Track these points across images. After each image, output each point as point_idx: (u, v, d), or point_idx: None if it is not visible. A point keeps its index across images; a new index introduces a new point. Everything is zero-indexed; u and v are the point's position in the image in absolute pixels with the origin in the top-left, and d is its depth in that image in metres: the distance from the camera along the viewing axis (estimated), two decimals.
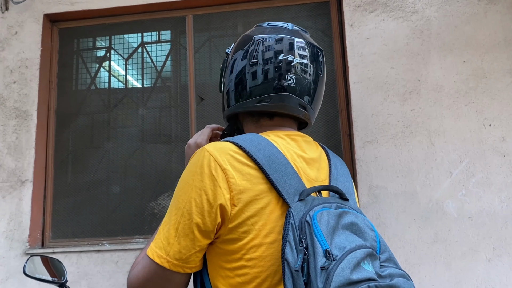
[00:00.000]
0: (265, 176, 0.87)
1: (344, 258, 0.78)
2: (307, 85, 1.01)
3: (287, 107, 1.00)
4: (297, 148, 0.98)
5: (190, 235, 0.86)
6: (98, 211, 2.77)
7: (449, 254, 2.34)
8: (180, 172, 2.60)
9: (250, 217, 0.85)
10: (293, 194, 0.88)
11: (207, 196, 0.85)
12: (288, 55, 1.00)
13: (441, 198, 2.40)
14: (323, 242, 0.79)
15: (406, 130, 2.49)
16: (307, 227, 0.81)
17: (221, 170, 0.86)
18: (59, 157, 2.86)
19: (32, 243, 2.64)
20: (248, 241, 0.86)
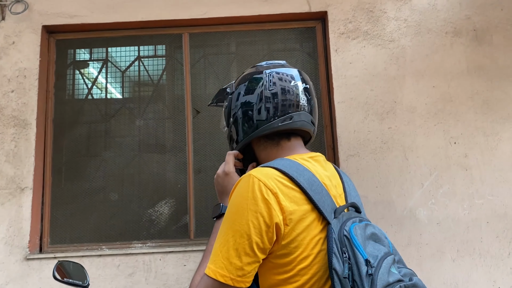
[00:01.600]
0: (307, 198, 1.00)
1: (381, 265, 0.93)
2: (313, 105, 1.17)
3: (305, 124, 1.14)
4: (321, 169, 1.10)
5: (251, 253, 0.96)
6: (96, 217, 2.89)
7: (420, 255, 2.68)
8: (177, 180, 2.85)
9: (299, 234, 0.98)
10: (330, 212, 1.01)
11: (263, 218, 0.96)
12: (297, 81, 1.16)
13: (414, 206, 2.73)
14: (362, 252, 0.94)
15: (384, 145, 2.81)
16: (347, 240, 0.96)
17: (273, 194, 0.97)
18: (57, 165, 2.95)
19: (32, 248, 2.72)
20: (299, 254, 0.98)
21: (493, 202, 2.73)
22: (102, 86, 3.14)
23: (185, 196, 2.89)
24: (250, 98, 1.15)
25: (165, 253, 2.70)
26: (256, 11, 2.99)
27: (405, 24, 2.95)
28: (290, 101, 1.13)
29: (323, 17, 3.07)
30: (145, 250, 2.71)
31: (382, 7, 2.97)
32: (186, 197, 2.89)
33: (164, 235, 2.85)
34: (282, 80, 1.15)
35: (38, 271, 2.66)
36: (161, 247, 2.77)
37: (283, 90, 1.13)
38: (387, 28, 2.96)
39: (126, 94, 3.13)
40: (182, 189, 2.91)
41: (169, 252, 2.69)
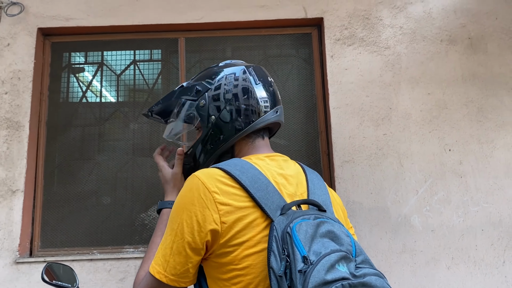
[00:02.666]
0: (249, 195, 0.99)
1: (319, 262, 0.88)
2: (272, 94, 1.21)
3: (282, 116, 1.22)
4: (277, 167, 1.10)
5: (183, 253, 0.98)
6: (88, 221, 2.85)
7: (415, 262, 2.66)
8: None
9: (239, 232, 0.96)
10: (275, 209, 0.99)
11: (196, 217, 0.97)
12: (266, 76, 1.20)
13: (409, 213, 2.72)
14: (301, 249, 0.90)
15: (379, 152, 2.80)
16: (288, 237, 0.92)
17: (209, 193, 0.98)
18: (49, 168, 2.92)
19: (22, 252, 2.68)
20: (240, 252, 0.96)
21: (488, 210, 2.72)
22: (97, 89, 3.13)
23: None
24: (228, 98, 1.16)
25: None
26: (252, 17, 3.00)
27: (400, 32, 2.97)
28: (271, 96, 1.18)
29: (319, 24, 3.08)
30: (137, 255, 2.67)
31: (378, 14, 2.99)
32: None
33: None
34: (251, 75, 1.18)
35: (28, 275, 2.62)
36: None
37: (260, 87, 1.17)
38: (382, 35, 2.97)
39: (121, 98, 3.12)
40: None
41: None
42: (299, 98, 3.04)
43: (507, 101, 2.86)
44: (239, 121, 1.14)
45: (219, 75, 1.18)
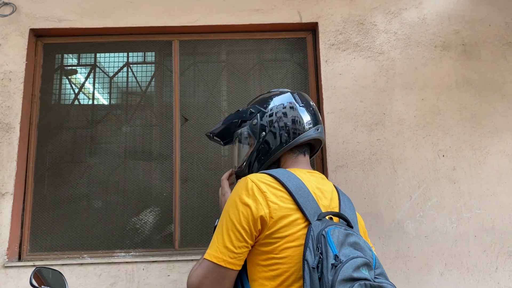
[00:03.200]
0: (293, 199, 1.18)
1: (349, 261, 1.05)
2: (314, 114, 1.43)
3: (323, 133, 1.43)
4: (316, 182, 1.28)
5: (241, 238, 1.14)
6: (79, 225, 2.81)
7: (408, 268, 2.65)
8: (162, 189, 2.80)
9: (282, 227, 1.15)
10: (313, 214, 1.17)
11: (251, 210, 1.15)
12: (308, 101, 1.44)
13: (402, 219, 2.71)
14: (333, 249, 1.07)
15: (373, 157, 2.80)
16: (323, 238, 1.10)
17: (261, 193, 1.17)
18: (39, 170, 2.88)
19: (10, 256, 2.64)
20: (281, 244, 1.14)
21: (481, 216, 2.72)
22: (89, 91, 3.10)
23: (171, 205, 2.83)
24: (282, 116, 1.37)
25: (149, 263, 2.63)
26: (247, 20, 2.99)
27: (394, 37, 2.97)
28: (313, 115, 1.40)
29: (313, 28, 3.07)
30: (128, 259, 2.64)
31: (373, 20, 2.99)
32: (171, 206, 2.83)
33: (148, 244, 2.79)
34: (300, 99, 1.41)
35: (16, 279, 2.57)
36: (144, 256, 2.70)
37: (304, 109, 1.39)
38: (377, 41, 2.97)
39: (113, 100, 3.09)
40: (168, 197, 2.85)
41: (153, 261, 2.63)
42: None
43: (500, 108, 2.88)
44: (285, 136, 1.33)
45: (270, 104, 1.39)
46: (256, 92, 3.05)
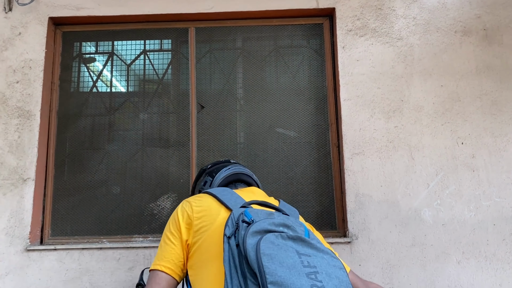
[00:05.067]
0: (217, 199, 1.32)
1: (263, 220, 1.14)
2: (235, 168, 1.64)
3: None
4: (250, 194, 1.41)
5: (167, 242, 1.30)
6: (98, 210, 2.87)
7: (424, 256, 2.63)
8: (179, 175, 2.81)
9: (205, 220, 1.27)
10: (237, 205, 1.27)
11: (178, 217, 1.33)
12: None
13: (419, 207, 2.69)
14: (249, 216, 1.16)
15: (390, 144, 2.77)
16: (241, 215, 1.17)
17: (188, 203, 1.36)
18: (59, 157, 2.94)
19: (33, 240, 2.71)
20: (205, 235, 1.24)
21: (500, 205, 2.68)
22: (107, 79, 3.13)
23: (188, 191, 2.86)
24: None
25: None
26: (263, 7, 2.97)
27: (413, 22, 2.92)
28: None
29: (331, 14, 3.04)
30: (146, 244, 2.68)
31: (391, 5, 2.94)
32: (188, 192, 2.86)
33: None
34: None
35: (39, 262, 2.65)
36: None
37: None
38: (395, 26, 2.92)
39: (131, 88, 3.11)
40: (185, 184, 2.88)
41: None
42: (310, 89, 3.02)
43: None
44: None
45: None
46: (272, 79, 3.04)
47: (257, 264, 1.00)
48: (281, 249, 1.03)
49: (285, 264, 1.00)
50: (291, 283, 0.96)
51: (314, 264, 1.03)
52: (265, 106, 3.01)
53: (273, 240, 1.06)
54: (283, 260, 1.01)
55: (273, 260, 1.00)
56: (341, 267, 1.08)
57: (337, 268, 1.06)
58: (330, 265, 1.06)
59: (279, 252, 1.02)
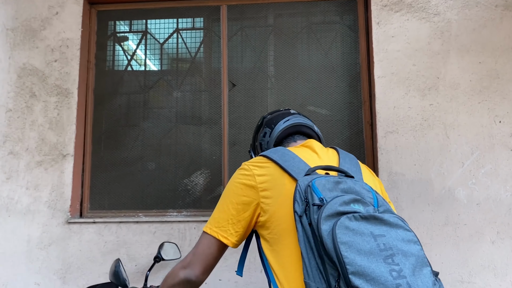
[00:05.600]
0: (278, 165, 1.26)
1: (334, 199, 1.09)
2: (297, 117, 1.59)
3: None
4: (309, 151, 1.35)
5: (229, 211, 1.27)
6: (134, 186, 2.96)
7: (457, 235, 2.61)
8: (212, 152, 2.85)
9: (270, 190, 1.24)
10: (301, 173, 1.22)
11: (241, 185, 1.28)
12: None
13: (453, 186, 2.65)
14: (318, 193, 1.11)
15: (425, 123, 2.73)
16: (309, 188, 1.13)
17: (250, 170, 1.30)
18: (96, 133, 3.03)
19: (73, 213, 2.83)
20: (274, 208, 1.21)
21: None
22: (141, 58, 3.18)
23: (220, 167, 2.92)
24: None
25: (200, 222, 2.74)
26: None
27: None
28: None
29: None
30: (180, 219, 2.76)
31: None
32: (220, 168, 2.91)
33: (199, 204, 2.90)
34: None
35: (79, 234, 2.77)
36: (195, 216, 2.82)
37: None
38: (432, 1, 2.83)
39: (164, 66, 3.16)
40: (217, 160, 2.93)
41: (203, 221, 2.74)
42: (343, 66, 2.98)
43: None
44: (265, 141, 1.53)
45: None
46: (304, 56, 3.02)
47: (335, 253, 1.01)
48: (357, 234, 1.04)
49: (363, 251, 1.01)
50: (371, 271, 0.98)
51: (390, 246, 1.04)
52: (296, 84, 3.00)
53: (348, 224, 1.05)
54: (360, 247, 1.02)
55: (351, 249, 1.01)
56: (415, 240, 1.09)
57: (411, 243, 1.08)
58: (405, 240, 1.07)
59: (355, 239, 1.03)
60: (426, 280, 1.02)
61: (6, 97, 2.94)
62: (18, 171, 2.86)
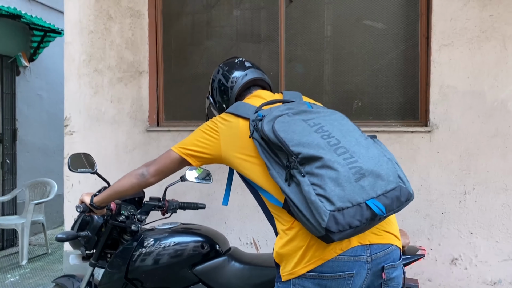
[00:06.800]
0: (233, 115, 1.52)
1: (272, 111, 1.41)
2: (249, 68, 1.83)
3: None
4: (258, 98, 1.62)
5: (201, 140, 1.57)
6: (201, 100, 3.29)
7: (506, 146, 2.69)
8: (269, 68, 3.04)
9: (231, 129, 1.50)
10: (251, 113, 1.47)
11: (211, 125, 1.57)
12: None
13: (506, 98, 2.68)
14: (260, 115, 1.41)
15: (482, 35, 2.70)
16: (256, 117, 1.42)
17: (215, 120, 1.59)
18: (167, 52, 3.35)
19: (151, 122, 3.26)
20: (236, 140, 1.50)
21: None
22: None
23: (277, 83, 3.14)
24: None
25: None
26: None
27: None
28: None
29: None
30: None
31: None
32: (278, 84, 3.14)
33: None
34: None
35: (157, 140, 3.22)
36: None
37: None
38: None
39: None
40: (274, 77, 3.15)
41: None
42: None
43: None
44: (223, 96, 1.81)
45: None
46: None
47: (277, 140, 1.30)
48: (290, 123, 1.34)
49: (297, 131, 1.31)
50: (305, 140, 1.28)
51: (318, 122, 1.36)
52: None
53: (283, 120, 1.35)
54: (294, 129, 1.32)
55: (287, 132, 1.30)
56: (342, 117, 1.42)
57: (339, 119, 1.40)
58: (331, 118, 1.40)
59: (290, 126, 1.33)
60: (353, 135, 1.34)
61: (87, 20, 3.30)
62: (103, 86, 3.29)
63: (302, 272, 1.32)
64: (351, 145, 1.29)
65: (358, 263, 1.31)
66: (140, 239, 1.96)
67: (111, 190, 1.72)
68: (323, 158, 1.24)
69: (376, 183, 1.24)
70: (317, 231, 1.22)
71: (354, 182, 1.22)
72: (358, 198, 1.21)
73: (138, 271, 1.93)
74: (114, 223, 1.96)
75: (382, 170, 1.27)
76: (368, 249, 1.32)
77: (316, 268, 1.31)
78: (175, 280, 1.94)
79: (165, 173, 1.62)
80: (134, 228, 1.96)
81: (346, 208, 1.20)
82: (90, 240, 2.07)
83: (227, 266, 1.93)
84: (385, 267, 1.35)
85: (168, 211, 2.11)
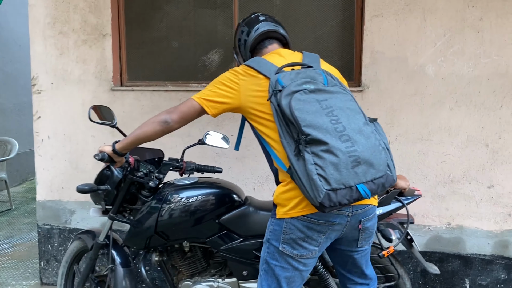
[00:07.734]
0: (255, 70, 1.73)
1: (291, 84, 1.59)
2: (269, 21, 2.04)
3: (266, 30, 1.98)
4: (278, 56, 1.83)
5: (217, 90, 1.81)
6: (162, 61, 3.60)
7: (423, 103, 3.21)
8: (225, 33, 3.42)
9: (252, 85, 1.74)
10: (272, 72, 1.69)
11: (232, 76, 1.78)
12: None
13: (424, 63, 3.18)
14: (280, 83, 1.61)
15: (406, 7, 3.15)
16: (275, 81, 1.63)
17: (238, 73, 1.79)
18: (128, 16, 3.58)
19: (115, 82, 3.54)
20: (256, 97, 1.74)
21: (497, 62, 3.11)
22: None
23: (231, 47, 3.48)
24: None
25: None
26: None
27: None
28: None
29: None
30: (201, 88, 3.42)
31: None
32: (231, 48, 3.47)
33: (215, 77, 3.53)
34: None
35: (121, 99, 3.50)
36: None
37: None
38: None
39: None
40: (229, 41, 3.49)
41: None
42: None
43: None
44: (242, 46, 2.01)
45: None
46: None
47: (292, 117, 1.48)
48: (306, 102, 1.51)
49: (311, 111, 1.49)
50: (316, 123, 1.48)
51: (330, 105, 1.54)
52: None
53: (299, 97, 1.51)
54: (308, 109, 1.50)
55: (301, 111, 1.49)
56: (350, 99, 1.63)
57: (348, 101, 1.60)
58: (342, 100, 1.58)
59: (304, 105, 1.50)
60: (357, 122, 1.60)
61: None
62: (68, 48, 3.51)
63: (295, 215, 1.62)
64: (354, 133, 1.51)
65: (340, 216, 1.63)
66: (166, 195, 2.09)
67: (133, 137, 1.86)
68: (328, 144, 1.45)
69: (368, 171, 1.48)
70: (312, 201, 1.48)
71: (351, 168, 1.45)
72: (351, 182, 1.45)
73: (168, 225, 2.08)
74: (133, 178, 2.08)
75: (375, 160, 1.50)
76: (351, 208, 1.63)
77: (308, 214, 1.60)
78: (203, 230, 2.12)
79: (187, 120, 1.80)
80: (152, 184, 2.08)
81: (339, 189, 1.44)
82: (109, 194, 2.16)
83: (249, 214, 2.14)
84: (362, 221, 1.70)
85: (186, 172, 2.21)
